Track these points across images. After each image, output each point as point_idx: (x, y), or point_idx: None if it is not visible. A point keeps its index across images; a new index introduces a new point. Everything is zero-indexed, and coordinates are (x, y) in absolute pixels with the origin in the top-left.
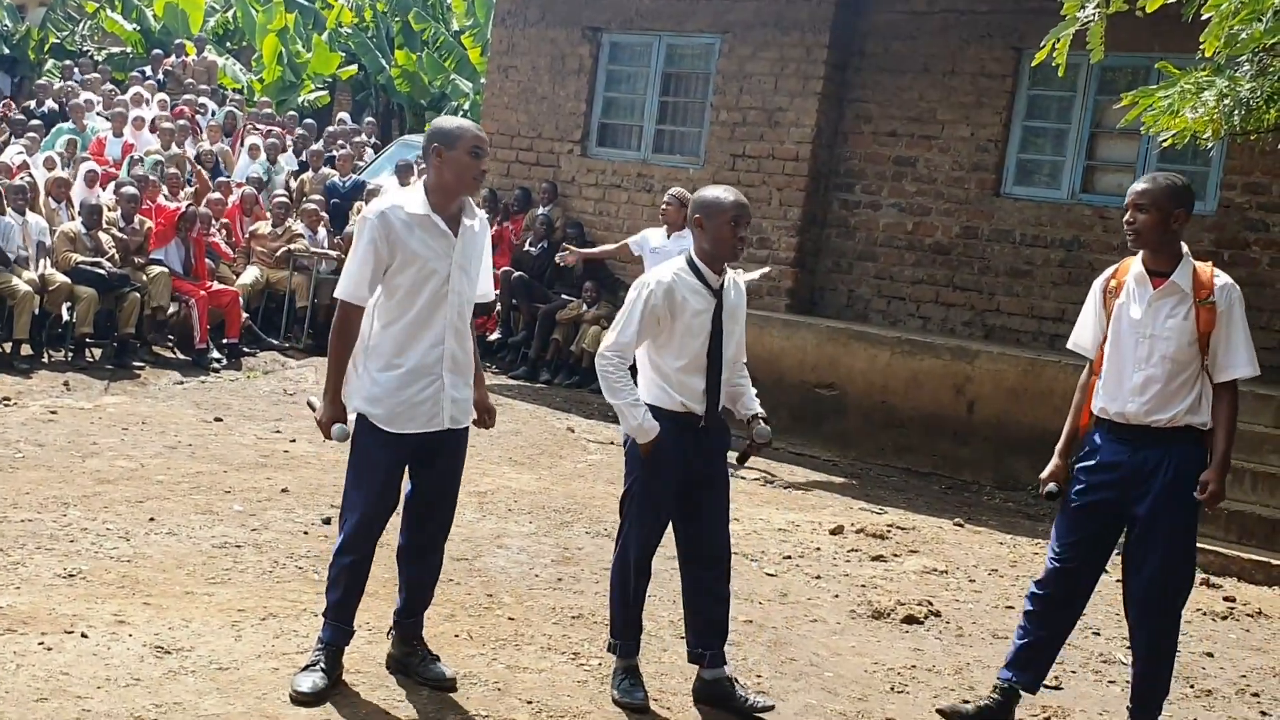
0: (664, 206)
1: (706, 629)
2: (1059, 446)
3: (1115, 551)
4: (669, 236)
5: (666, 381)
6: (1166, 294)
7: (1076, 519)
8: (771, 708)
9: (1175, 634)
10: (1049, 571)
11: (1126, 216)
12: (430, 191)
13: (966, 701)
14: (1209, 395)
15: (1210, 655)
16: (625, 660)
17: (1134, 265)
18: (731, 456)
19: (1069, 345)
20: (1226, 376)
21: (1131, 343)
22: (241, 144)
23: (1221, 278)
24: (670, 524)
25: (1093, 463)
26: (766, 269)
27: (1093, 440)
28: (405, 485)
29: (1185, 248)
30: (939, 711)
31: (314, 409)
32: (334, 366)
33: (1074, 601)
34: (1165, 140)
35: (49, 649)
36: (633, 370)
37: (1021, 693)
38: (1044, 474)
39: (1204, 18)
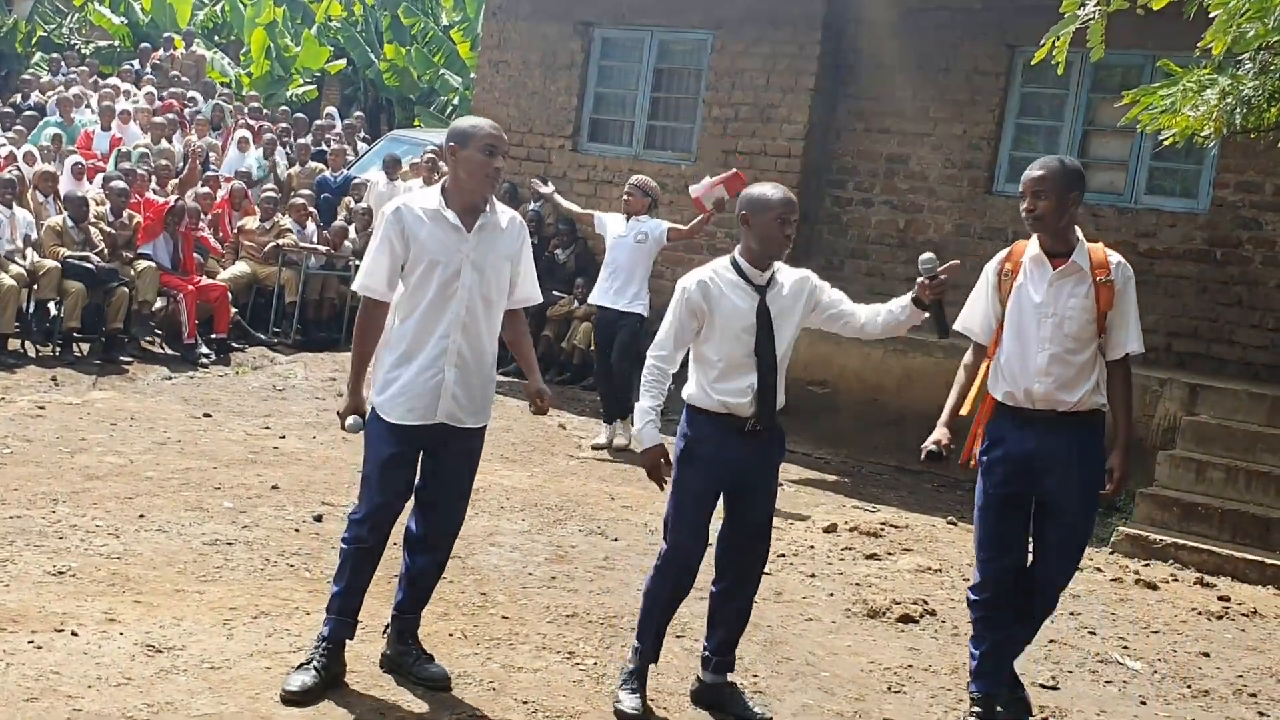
0: (626, 196)
1: (723, 640)
2: (943, 419)
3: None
4: (626, 221)
5: (706, 380)
6: (1067, 274)
7: (998, 513)
8: (769, 719)
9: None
10: (984, 575)
11: (1025, 204)
12: (447, 189)
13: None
14: (1104, 376)
15: (1206, 655)
16: (639, 663)
17: (1030, 249)
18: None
19: (955, 327)
20: (1121, 352)
21: (1034, 323)
22: (231, 138)
23: (1114, 256)
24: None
25: (1000, 453)
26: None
27: (997, 430)
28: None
29: (1079, 229)
30: None
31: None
32: (354, 360)
33: (1013, 594)
34: (1166, 139)
35: (39, 648)
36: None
37: (1002, 694)
38: (928, 441)
39: (1211, 15)
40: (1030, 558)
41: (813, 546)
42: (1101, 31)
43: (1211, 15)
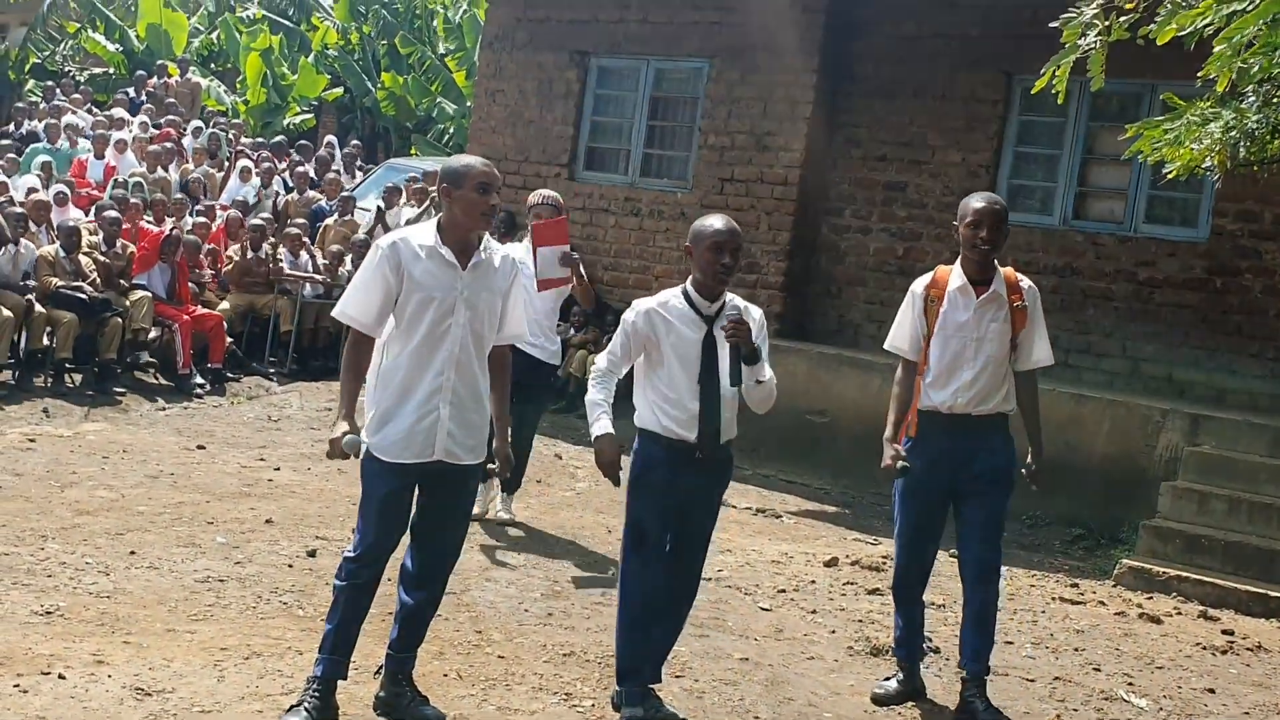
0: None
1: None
2: (888, 435)
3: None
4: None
5: (655, 406)
6: (989, 301)
7: (920, 509)
8: None
9: (998, 590)
10: (905, 564)
11: (984, 234)
12: (442, 227)
13: (888, 679)
14: (1013, 386)
15: (1211, 691)
16: (630, 710)
17: (954, 277)
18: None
19: (886, 346)
20: (1033, 365)
21: (959, 345)
22: (232, 167)
23: (1024, 280)
24: None
25: (924, 451)
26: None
27: (920, 434)
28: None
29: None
30: (873, 699)
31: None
32: (344, 394)
33: (925, 580)
34: (1170, 172)
35: (25, 691)
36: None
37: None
38: (889, 458)
39: (1215, 48)
40: (958, 549)
41: (814, 581)
42: (1102, 61)
43: (1216, 48)
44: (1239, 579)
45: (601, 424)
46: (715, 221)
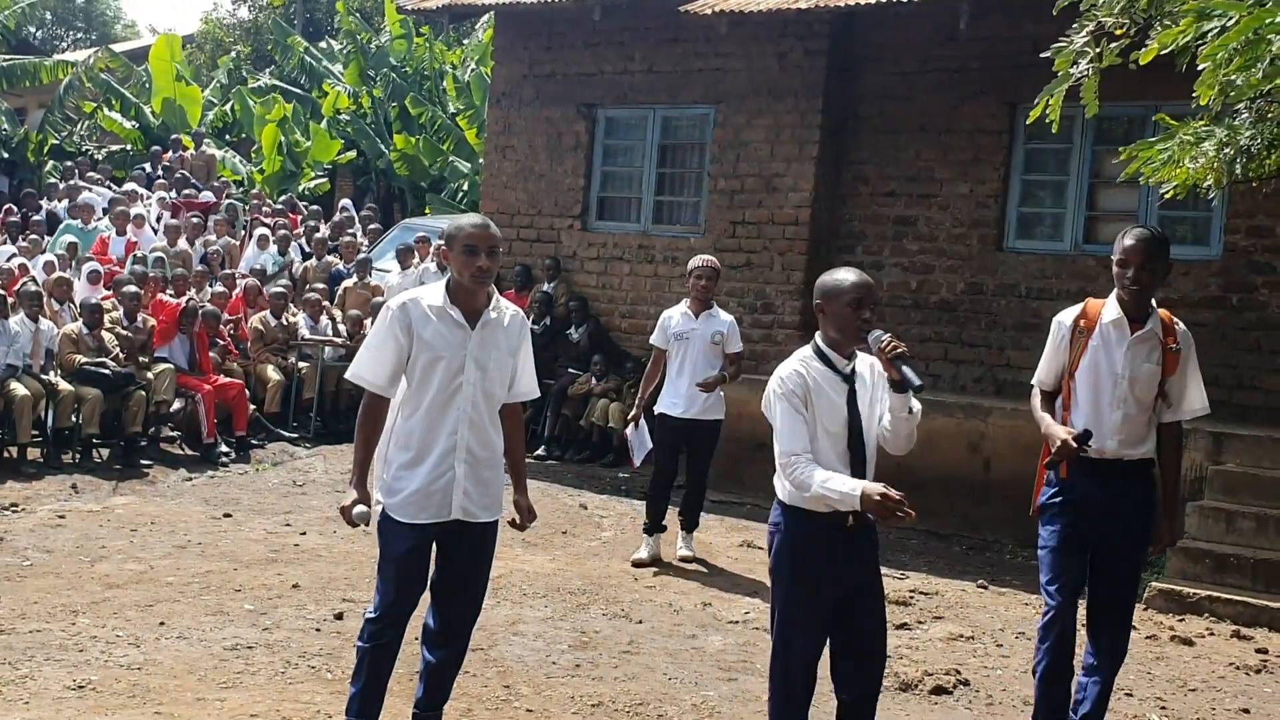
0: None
1: None
2: (1059, 430)
3: None
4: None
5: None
6: (1143, 340)
7: (1065, 552)
8: None
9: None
10: (1054, 616)
11: (1130, 273)
12: (450, 287)
13: None
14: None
15: (1246, 712)
16: None
17: (1107, 311)
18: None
19: (1034, 381)
20: (1185, 415)
21: (1110, 385)
22: (250, 236)
23: (1179, 324)
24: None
25: (1070, 499)
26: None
27: (1068, 478)
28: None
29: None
30: None
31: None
32: (358, 454)
33: (1073, 632)
34: (1167, 192)
35: None
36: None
37: None
38: (1064, 435)
39: (1199, 67)
40: (1091, 609)
41: None
42: (1095, 88)
43: (1200, 67)
44: (1271, 596)
45: (852, 481)
46: (849, 275)
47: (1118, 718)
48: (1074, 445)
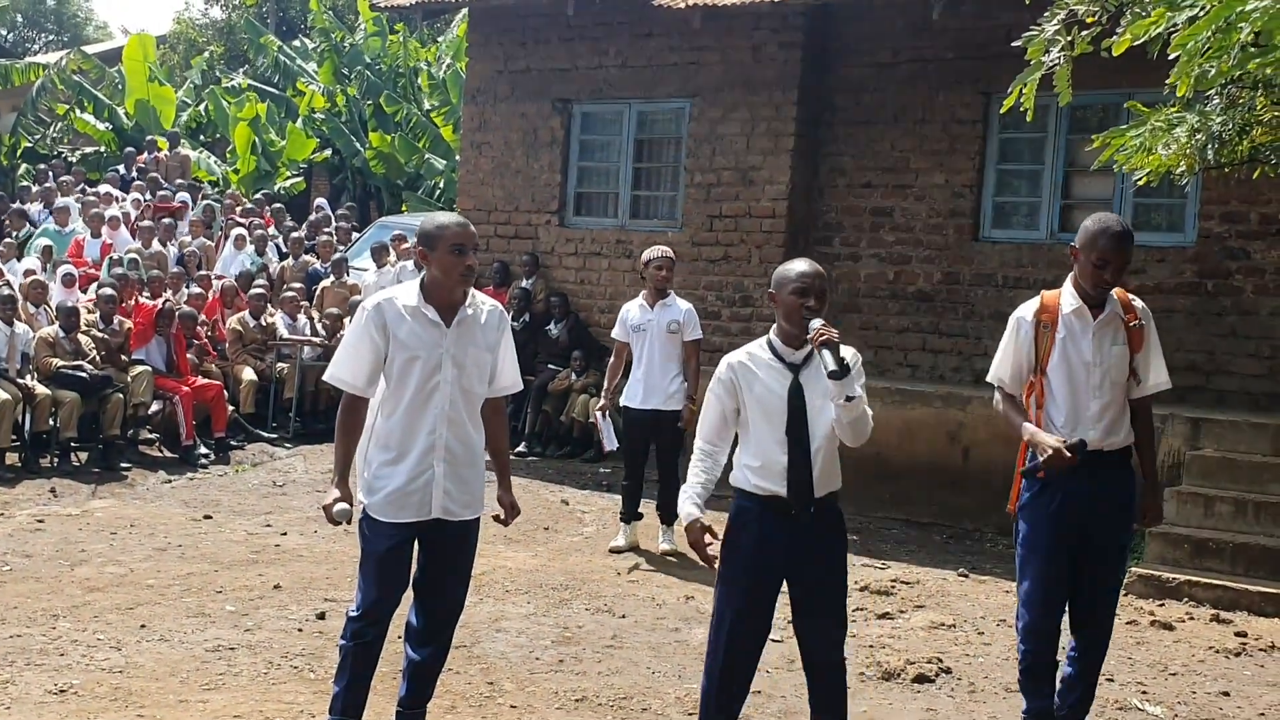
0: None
1: None
2: (1032, 433)
3: None
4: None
5: (746, 463)
6: (1106, 324)
7: (1048, 557)
8: None
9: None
10: (1036, 630)
11: (1109, 274)
12: (425, 286)
13: None
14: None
15: (1226, 695)
16: None
17: (1066, 302)
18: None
19: (989, 378)
20: (1151, 390)
21: (1084, 375)
22: (226, 236)
23: (1135, 300)
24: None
25: (1053, 496)
26: None
27: (1045, 477)
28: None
29: None
30: None
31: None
32: (338, 453)
33: (1056, 650)
34: (1140, 179)
35: None
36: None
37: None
38: (1053, 443)
39: (1171, 56)
40: (1072, 605)
41: None
42: (1068, 76)
43: (1172, 56)
44: (1250, 580)
45: (690, 509)
46: (798, 265)
47: (1099, 703)
48: (1068, 455)
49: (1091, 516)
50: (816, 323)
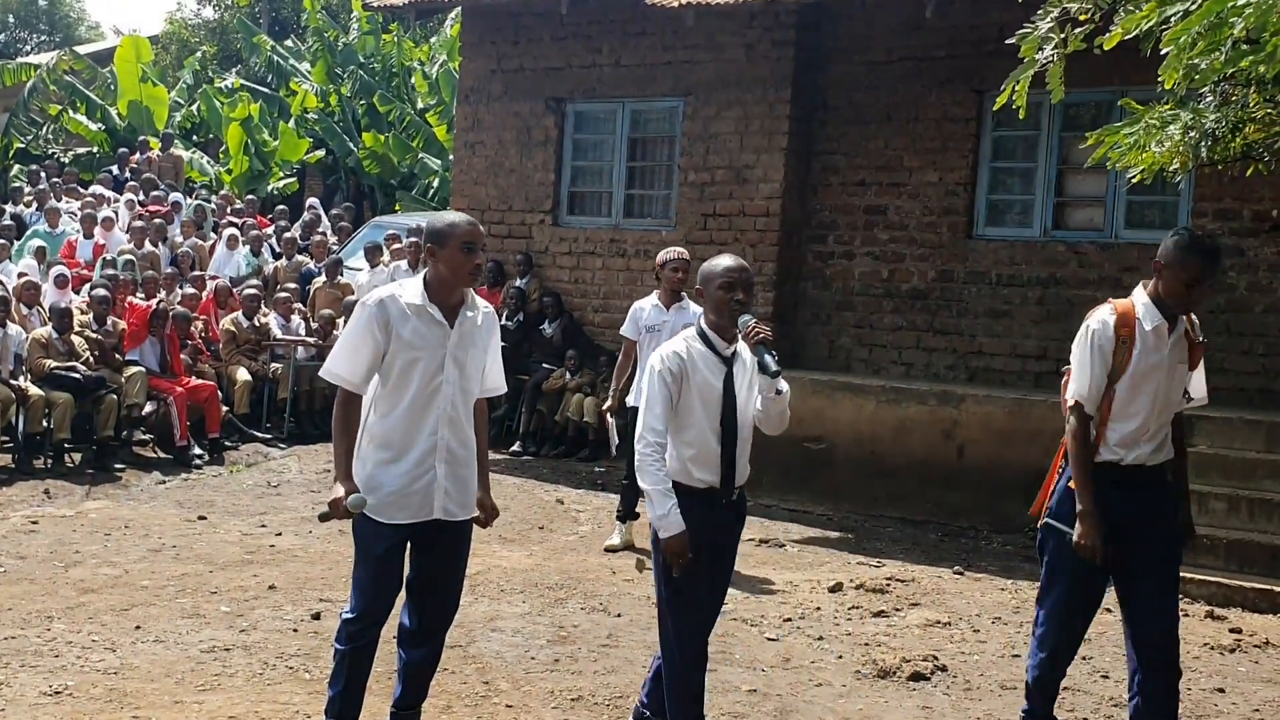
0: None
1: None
2: (1086, 507)
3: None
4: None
5: (682, 453)
6: (1178, 342)
7: (1081, 579)
8: None
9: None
10: (1055, 648)
11: (1198, 293)
12: (429, 284)
13: None
14: None
15: (1221, 690)
16: None
17: (1145, 314)
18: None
19: (1072, 400)
20: (1193, 405)
21: (1155, 393)
22: (220, 237)
23: (1193, 315)
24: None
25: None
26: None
27: (1072, 495)
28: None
29: None
30: None
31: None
32: (338, 453)
33: (1077, 648)
34: (1133, 176)
35: None
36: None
37: None
38: (1098, 543)
39: (1163, 51)
40: (1134, 622)
41: (819, 608)
42: (1060, 74)
43: (1164, 51)
44: (1244, 576)
45: (677, 517)
46: (724, 260)
47: (1094, 699)
48: (1098, 558)
49: (1131, 531)
50: (749, 319)
